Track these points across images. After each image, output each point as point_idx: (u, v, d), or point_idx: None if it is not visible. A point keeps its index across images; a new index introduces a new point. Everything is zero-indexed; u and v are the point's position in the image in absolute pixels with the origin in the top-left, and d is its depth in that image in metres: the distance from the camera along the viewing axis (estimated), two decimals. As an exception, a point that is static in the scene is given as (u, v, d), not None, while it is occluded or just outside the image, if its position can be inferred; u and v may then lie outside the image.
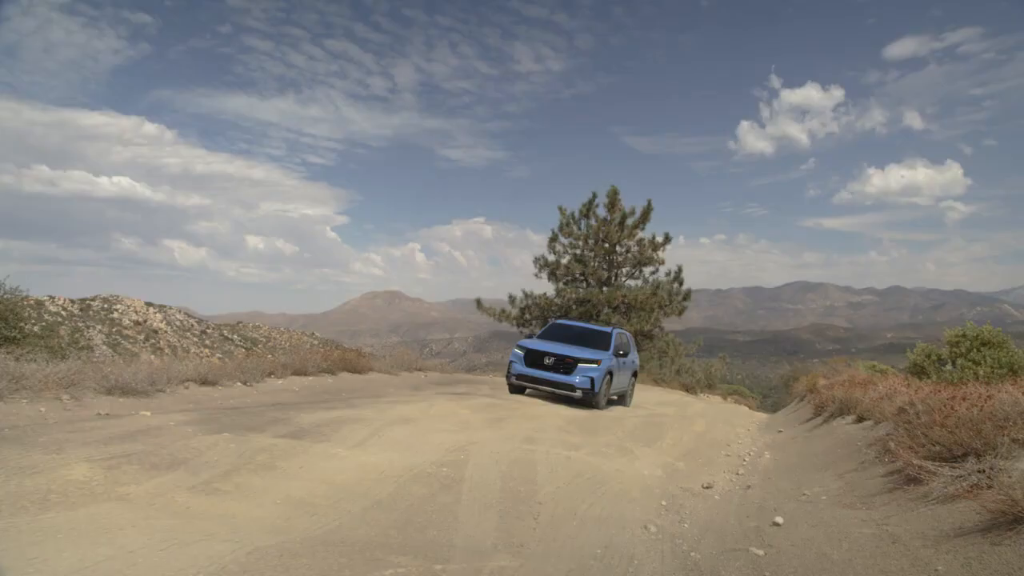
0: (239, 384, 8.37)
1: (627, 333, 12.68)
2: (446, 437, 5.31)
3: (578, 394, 9.62)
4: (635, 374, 13.05)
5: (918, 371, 9.97)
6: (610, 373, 10.23)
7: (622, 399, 11.91)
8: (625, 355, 11.46)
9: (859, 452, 5.69)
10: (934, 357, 9.77)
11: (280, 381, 9.31)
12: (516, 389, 10.47)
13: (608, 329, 11.59)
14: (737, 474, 6.56)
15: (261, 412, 5.80)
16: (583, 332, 11.62)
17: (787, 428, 11.47)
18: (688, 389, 22.91)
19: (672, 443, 7.81)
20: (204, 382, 7.91)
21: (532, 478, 4.40)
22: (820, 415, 10.80)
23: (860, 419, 7.77)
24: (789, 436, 9.97)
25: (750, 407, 22.88)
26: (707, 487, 5.62)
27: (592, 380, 9.66)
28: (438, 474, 4.17)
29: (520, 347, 10.36)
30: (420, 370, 14.09)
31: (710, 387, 25.78)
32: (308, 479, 3.75)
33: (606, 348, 10.56)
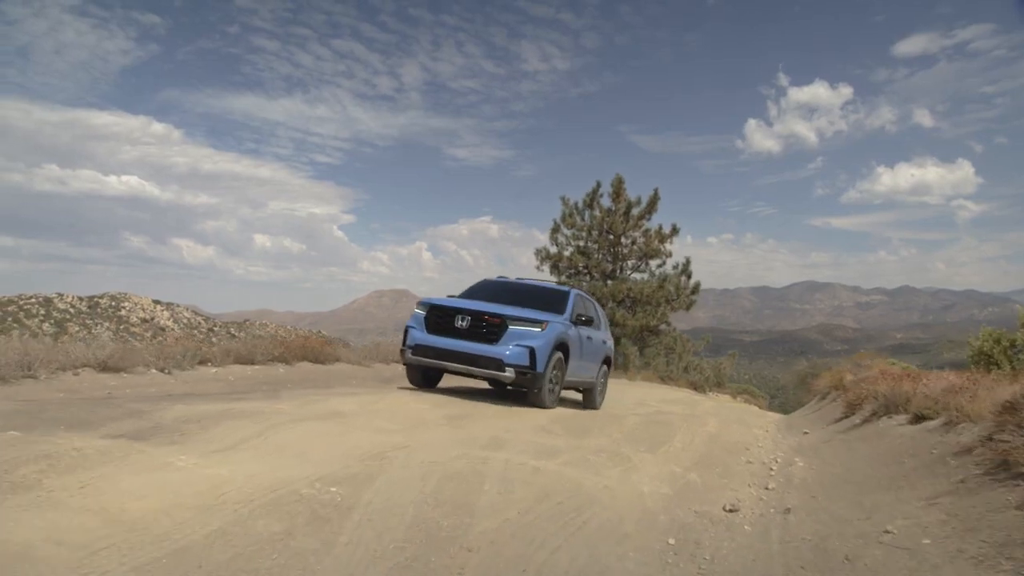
0: (154, 371, 6.88)
1: (594, 302, 9.23)
2: (370, 439, 3.79)
3: (508, 375, 6.37)
4: (609, 362, 9.23)
5: (984, 361, 8.35)
6: (564, 348, 7.00)
7: (588, 396, 8.49)
8: (591, 327, 8.10)
9: (942, 464, 4.13)
10: (1005, 343, 8.16)
11: (214, 370, 7.80)
12: (418, 374, 7.27)
13: (565, 288, 8.22)
14: (767, 488, 5.01)
15: (125, 404, 4.30)
16: (529, 291, 8.17)
17: (813, 429, 9.88)
18: (696, 387, 21.45)
19: (681, 447, 6.24)
20: (105, 368, 6.43)
21: (470, 504, 2.87)
22: (854, 413, 9.24)
23: (919, 418, 6.21)
24: (820, 439, 8.38)
25: (760, 407, 21.30)
26: (731, 510, 4.08)
27: (531, 353, 6.40)
28: (317, 498, 2.65)
29: (422, 305, 7.00)
30: (397, 361, 12.57)
31: (719, 385, 24.38)
32: (78, 508, 2.24)
33: (560, 311, 7.37)
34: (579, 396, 8.83)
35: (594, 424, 6.83)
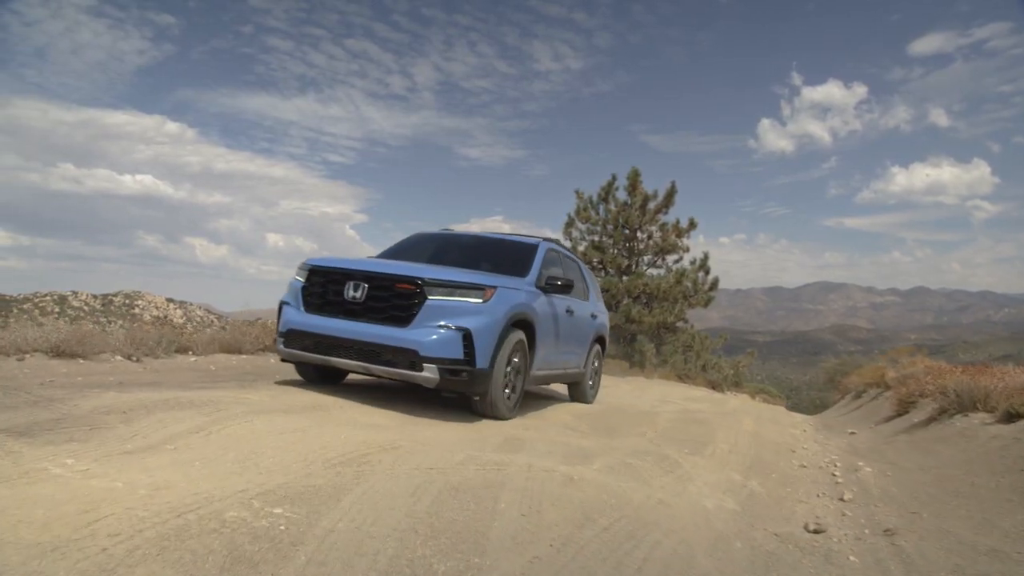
0: (119, 358, 6.00)
1: (579, 261, 6.91)
2: (349, 437, 2.87)
3: (428, 375, 4.04)
4: (603, 342, 7.07)
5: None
6: (526, 327, 4.73)
7: (577, 390, 6.69)
8: (572, 296, 5.86)
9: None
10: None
11: (194, 358, 6.92)
12: (306, 370, 4.99)
13: (532, 241, 5.82)
14: (843, 500, 4.06)
15: (41, 391, 3.42)
16: (480, 246, 5.92)
17: (859, 429, 8.91)
18: (715, 386, 20.49)
19: (728, 448, 5.28)
20: (59, 354, 5.56)
21: (480, 533, 1.94)
22: (907, 411, 8.26)
23: (1014, 416, 5.23)
24: (874, 439, 7.39)
25: (779, 407, 20.29)
26: (816, 531, 3.13)
27: (466, 338, 4.08)
28: (248, 525, 1.72)
29: (302, 269, 4.68)
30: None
31: (737, 385, 23.45)
32: None
33: (522, 273, 5.11)
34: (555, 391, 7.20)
35: (624, 421, 5.92)
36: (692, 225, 21.46)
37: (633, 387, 12.53)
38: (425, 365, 3.98)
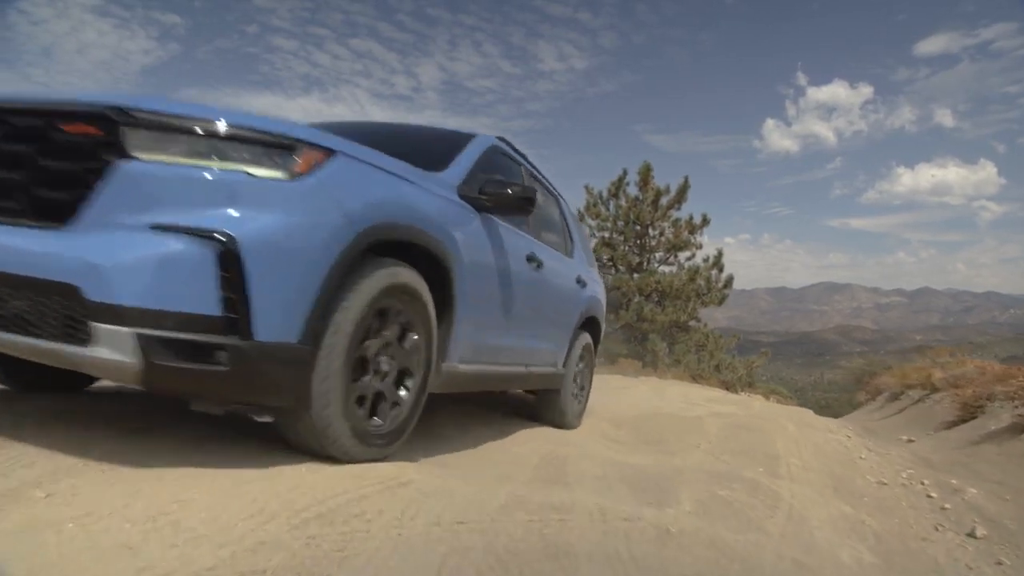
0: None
1: (555, 190, 4.47)
2: (323, 480, 1.89)
3: (102, 356, 1.51)
4: (595, 330, 4.66)
5: None
6: (433, 268, 2.25)
7: (547, 403, 4.12)
8: (540, 237, 3.59)
9: None
10: None
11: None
12: None
13: (466, 132, 3.27)
14: (974, 536, 3.16)
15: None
16: (387, 138, 2.74)
17: (915, 435, 8.02)
18: (728, 387, 19.71)
19: (799, 463, 4.35)
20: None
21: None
22: (975, 416, 7.40)
23: None
24: (944, 449, 6.48)
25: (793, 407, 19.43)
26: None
27: (228, 265, 1.54)
28: None
29: None
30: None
31: (750, 385, 22.70)
32: None
33: (436, 167, 2.58)
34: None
35: (666, 428, 5.03)
36: (705, 221, 20.81)
37: (650, 387, 11.59)
38: (100, 328, 1.49)
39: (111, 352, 1.51)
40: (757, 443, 4.89)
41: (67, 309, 1.51)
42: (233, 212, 1.61)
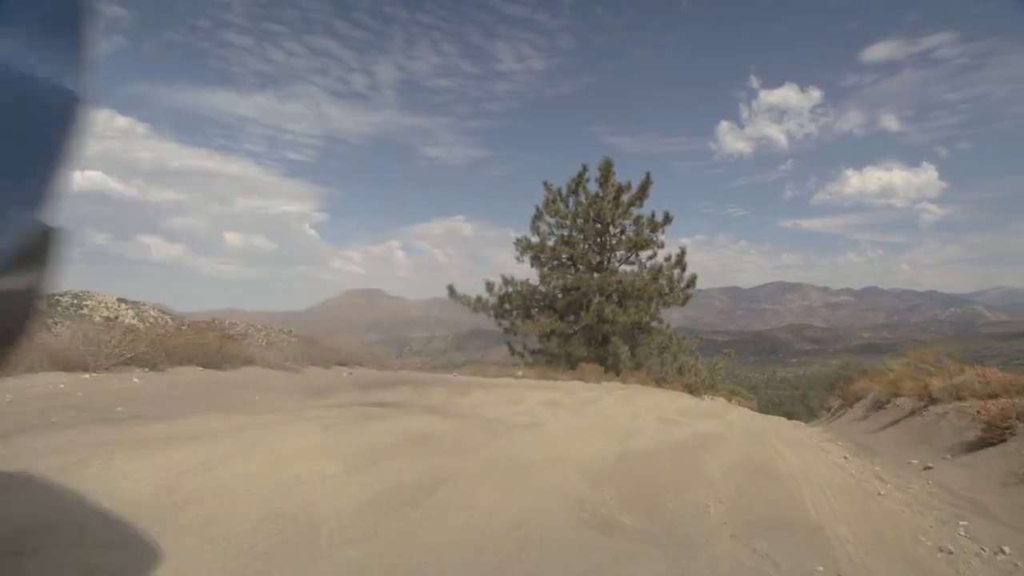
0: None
1: None
2: None
3: None
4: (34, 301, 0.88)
5: None
6: None
7: None
8: None
9: None
10: None
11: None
12: None
13: None
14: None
15: None
16: None
17: (927, 458, 6.27)
18: (691, 390, 19.14)
19: (847, 532, 3.05)
20: None
21: None
22: (1005, 439, 5.91)
23: None
24: (978, 482, 4.68)
25: (752, 409, 18.76)
26: None
27: None
28: None
29: None
30: (344, 365, 9.59)
31: (712, 387, 22.27)
32: None
33: None
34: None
35: (660, 478, 3.82)
36: (667, 219, 20.20)
37: (618, 398, 10.59)
38: None
39: None
40: (779, 498, 3.72)
41: None
42: None
